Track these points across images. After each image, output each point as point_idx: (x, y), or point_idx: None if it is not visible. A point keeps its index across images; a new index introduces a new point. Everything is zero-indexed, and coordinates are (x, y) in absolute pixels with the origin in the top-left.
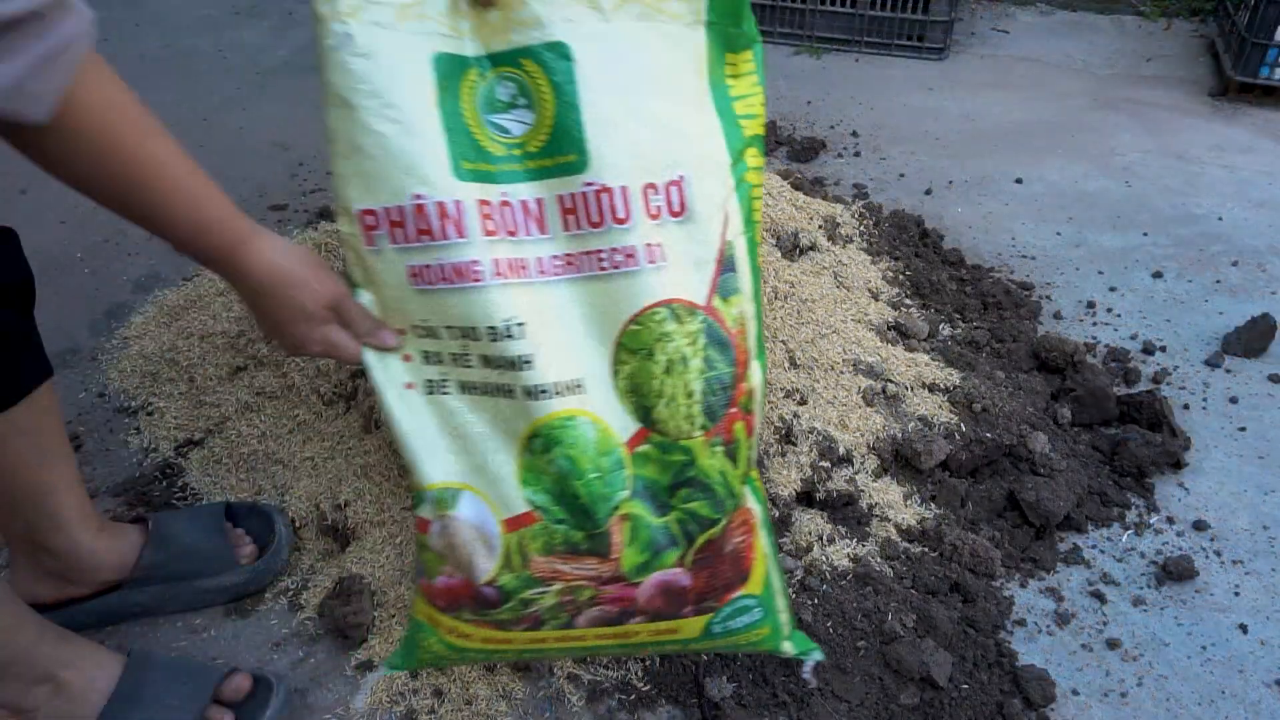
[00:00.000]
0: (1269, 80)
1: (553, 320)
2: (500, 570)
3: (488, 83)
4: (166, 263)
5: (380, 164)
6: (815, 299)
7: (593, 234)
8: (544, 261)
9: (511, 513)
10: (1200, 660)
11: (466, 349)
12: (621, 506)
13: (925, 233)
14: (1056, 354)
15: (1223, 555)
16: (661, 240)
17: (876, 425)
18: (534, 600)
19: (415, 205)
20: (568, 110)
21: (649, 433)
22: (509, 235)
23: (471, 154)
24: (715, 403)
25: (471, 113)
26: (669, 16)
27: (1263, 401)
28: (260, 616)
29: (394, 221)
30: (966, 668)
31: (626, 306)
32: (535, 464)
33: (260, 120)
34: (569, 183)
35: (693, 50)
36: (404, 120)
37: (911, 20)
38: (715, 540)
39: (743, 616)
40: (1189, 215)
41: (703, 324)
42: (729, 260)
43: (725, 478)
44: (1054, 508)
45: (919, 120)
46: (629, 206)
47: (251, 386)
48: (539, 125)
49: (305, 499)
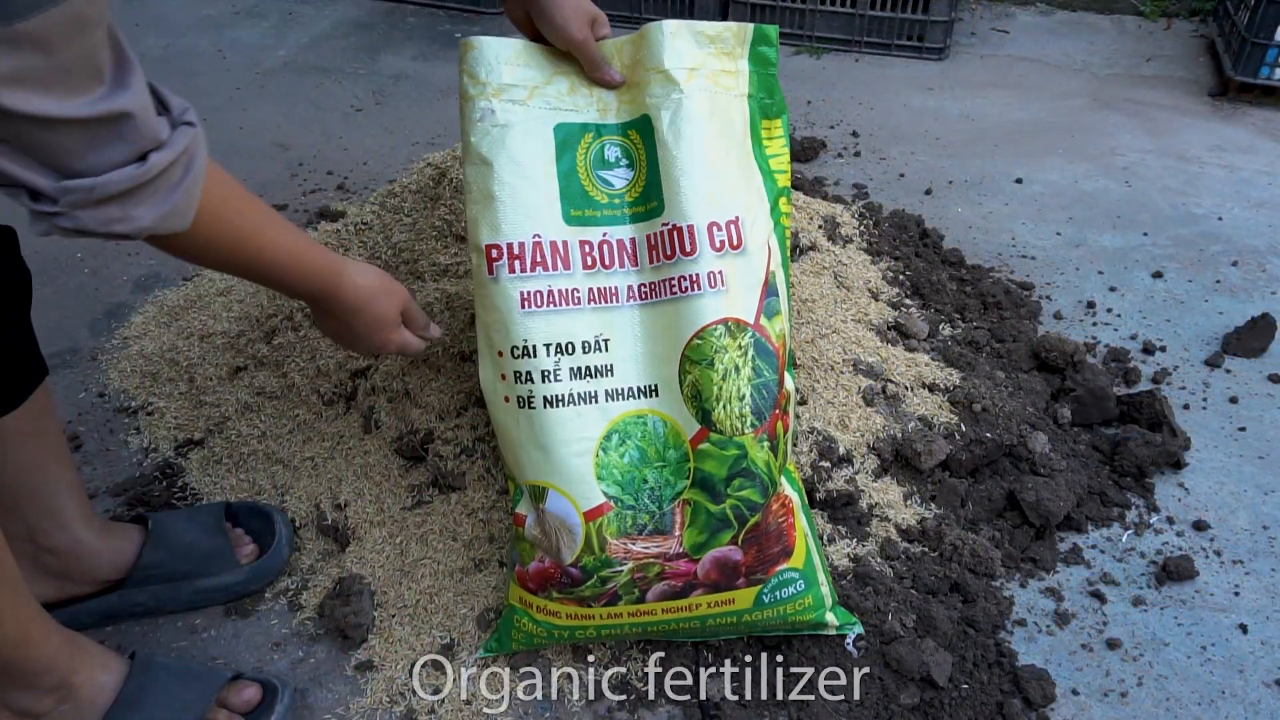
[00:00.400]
0: (1269, 80)
1: (632, 336)
2: (582, 553)
3: (600, 145)
4: (166, 263)
5: (508, 209)
6: (815, 299)
7: (667, 265)
8: (632, 289)
9: (590, 505)
10: (1200, 660)
11: (559, 364)
12: (684, 493)
13: (925, 233)
14: (1056, 354)
15: (1223, 555)
16: (723, 268)
17: (876, 425)
18: (611, 578)
19: (534, 242)
20: (653, 168)
21: (709, 432)
22: (604, 268)
23: (580, 203)
24: (763, 404)
25: (585, 169)
26: (723, 89)
27: (1263, 401)
28: (260, 617)
29: (514, 255)
30: (966, 668)
31: (691, 324)
32: (609, 460)
33: (260, 120)
34: (652, 224)
35: (740, 115)
36: (529, 176)
37: (911, 20)
38: (760, 523)
39: (789, 588)
40: (1189, 215)
41: (752, 339)
42: (772, 287)
43: (769, 467)
44: (1054, 508)
45: (919, 120)
46: (695, 241)
47: (251, 386)
48: (636, 180)
49: (305, 499)
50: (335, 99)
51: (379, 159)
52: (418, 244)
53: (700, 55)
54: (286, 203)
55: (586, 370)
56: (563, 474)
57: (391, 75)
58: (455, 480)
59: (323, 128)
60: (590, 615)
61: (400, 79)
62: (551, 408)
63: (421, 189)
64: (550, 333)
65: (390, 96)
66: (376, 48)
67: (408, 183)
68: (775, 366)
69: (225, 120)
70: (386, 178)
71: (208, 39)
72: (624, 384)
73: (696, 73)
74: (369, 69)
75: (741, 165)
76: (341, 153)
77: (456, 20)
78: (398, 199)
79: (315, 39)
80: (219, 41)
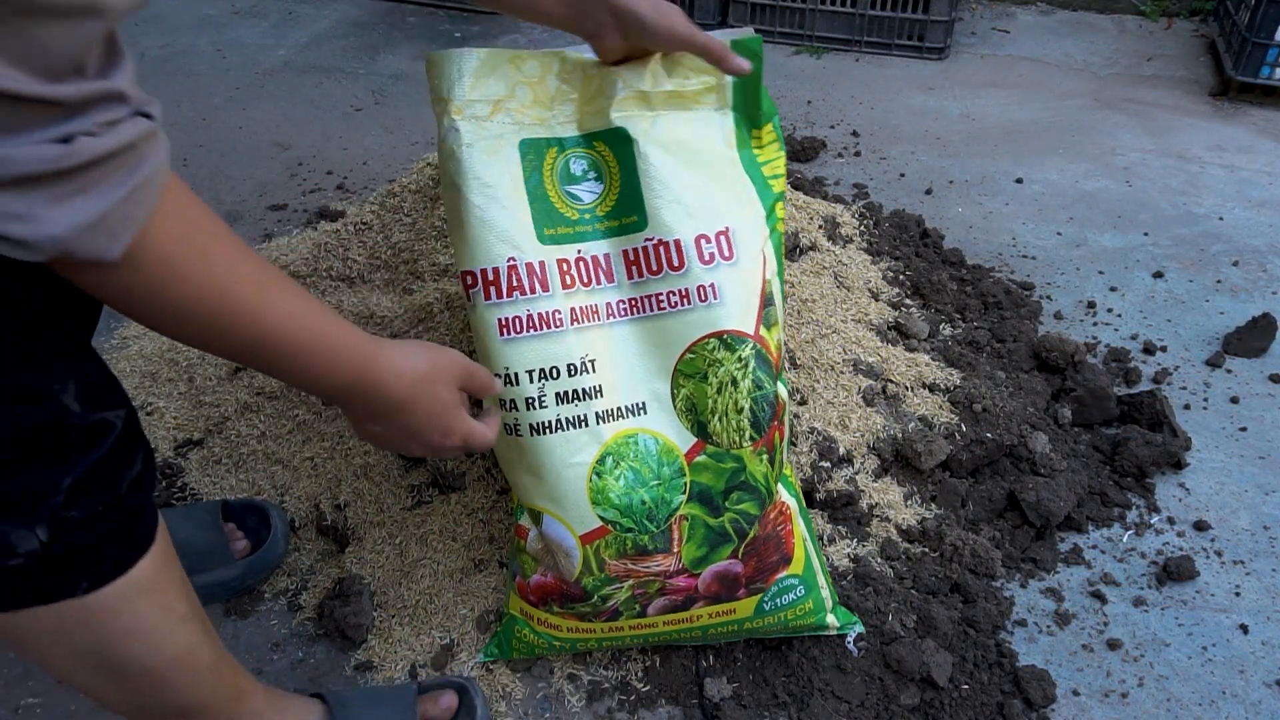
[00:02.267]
0: (1269, 80)
1: (619, 354)
2: (581, 573)
3: (565, 159)
4: None
5: (479, 234)
6: (815, 299)
7: (653, 280)
8: (612, 306)
9: (586, 529)
10: (1201, 661)
11: (543, 390)
12: (680, 509)
13: (925, 232)
14: (1057, 354)
15: (1223, 555)
16: (715, 281)
17: (876, 425)
18: (611, 595)
19: (509, 266)
20: (630, 181)
21: (705, 445)
22: (584, 286)
23: (552, 220)
24: (763, 417)
25: (552, 185)
26: (700, 106)
27: (1263, 401)
28: (260, 617)
29: (489, 281)
30: (967, 668)
31: (683, 338)
32: (605, 485)
33: (260, 120)
34: (632, 239)
35: (721, 128)
36: (498, 197)
37: (912, 20)
38: (759, 533)
39: (789, 594)
40: (1190, 215)
41: (753, 350)
42: (769, 296)
43: (766, 479)
44: (1054, 508)
45: (919, 120)
46: (683, 255)
47: (251, 386)
48: (607, 193)
49: (305, 499)
50: (335, 99)
51: (379, 159)
52: (417, 244)
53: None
54: (286, 202)
55: (574, 394)
56: (557, 500)
57: (391, 75)
58: (455, 480)
59: (322, 127)
60: (591, 629)
61: (400, 79)
62: (539, 435)
63: (421, 189)
64: (533, 359)
65: (390, 96)
66: (376, 47)
67: (407, 182)
68: (774, 377)
69: (225, 120)
70: (386, 177)
71: (207, 39)
72: (613, 404)
73: (675, 91)
74: (369, 69)
75: (728, 175)
76: (341, 152)
77: (456, 20)
78: (397, 199)
79: (315, 39)
80: (218, 41)
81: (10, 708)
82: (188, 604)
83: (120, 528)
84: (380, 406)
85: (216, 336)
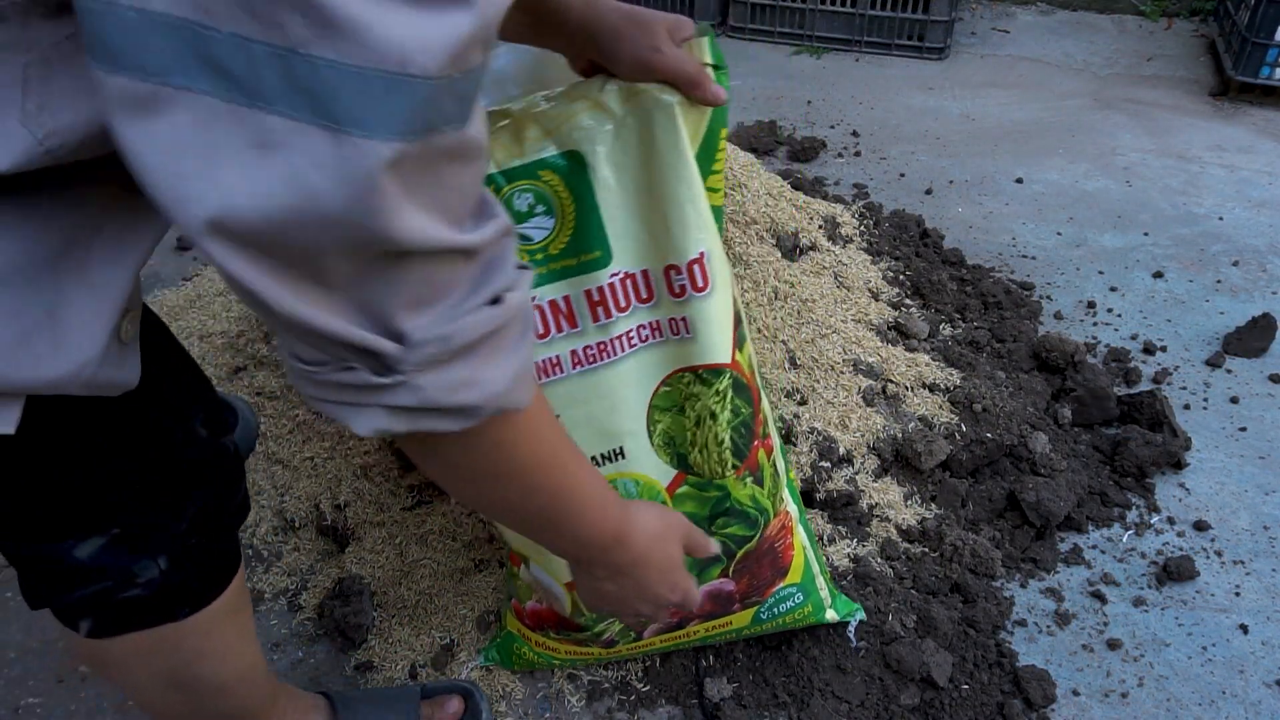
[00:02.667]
0: (1269, 80)
1: (590, 402)
2: (574, 613)
3: (504, 197)
4: (167, 263)
5: None
6: (815, 299)
7: (621, 318)
8: (577, 354)
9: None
10: (1201, 661)
11: None
12: None
13: (925, 232)
14: (1057, 354)
15: (1223, 555)
16: (687, 315)
17: (876, 425)
18: (606, 629)
19: None
20: (588, 212)
21: (686, 475)
22: (540, 339)
23: None
24: (742, 443)
25: None
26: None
27: (1263, 401)
28: (260, 617)
29: None
30: (967, 668)
31: (655, 374)
32: None
33: None
34: (595, 278)
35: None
36: None
37: (912, 20)
38: (752, 552)
39: (786, 603)
40: (1189, 215)
41: (730, 380)
42: (738, 316)
43: (756, 499)
44: (1054, 508)
45: (919, 120)
46: (651, 287)
47: (251, 386)
48: (560, 228)
49: (305, 499)
50: None
51: None
52: None
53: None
54: None
55: None
56: (538, 550)
57: None
58: None
59: None
60: (589, 651)
61: None
62: None
63: None
64: None
65: None
66: None
67: None
68: (751, 399)
69: None
70: None
71: None
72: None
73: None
74: None
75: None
76: None
77: None
78: None
79: None
80: None
81: (10, 708)
82: (252, 618)
83: (224, 552)
84: (624, 562)
85: (532, 494)
